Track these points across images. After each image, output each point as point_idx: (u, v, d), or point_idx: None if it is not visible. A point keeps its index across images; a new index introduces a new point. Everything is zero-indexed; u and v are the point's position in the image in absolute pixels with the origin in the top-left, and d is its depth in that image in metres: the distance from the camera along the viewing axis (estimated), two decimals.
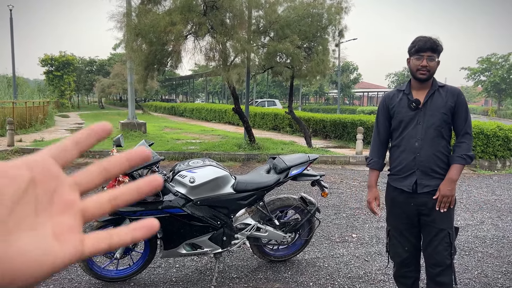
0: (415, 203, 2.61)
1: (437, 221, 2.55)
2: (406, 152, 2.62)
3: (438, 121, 2.54)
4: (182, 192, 3.30)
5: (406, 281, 2.81)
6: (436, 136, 2.55)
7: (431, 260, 2.60)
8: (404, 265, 2.78)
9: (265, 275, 3.69)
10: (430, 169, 2.55)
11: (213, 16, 8.97)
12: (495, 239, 4.81)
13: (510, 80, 44.63)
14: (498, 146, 10.22)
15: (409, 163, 2.61)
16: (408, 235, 2.72)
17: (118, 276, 3.49)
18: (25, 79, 46.86)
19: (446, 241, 2.54)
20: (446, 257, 2.55)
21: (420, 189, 2.58)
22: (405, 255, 2.74)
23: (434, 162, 2.55)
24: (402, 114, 2.63)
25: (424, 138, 2.55)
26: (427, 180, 2.56)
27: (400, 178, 2.67)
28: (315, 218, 3.96)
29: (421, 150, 2.56)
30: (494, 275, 3.79)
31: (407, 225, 2.70)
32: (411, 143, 2.59)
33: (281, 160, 3.76)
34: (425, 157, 2.55)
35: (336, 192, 7.02)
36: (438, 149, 2.55)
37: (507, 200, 6.77)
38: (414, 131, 2.58)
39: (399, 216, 2.72)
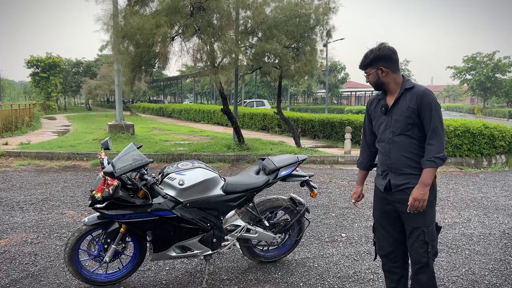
0: (392, 200, 2.76)
1: (411, 219, 2.65)
2: (381, 154, 2.81)
3: (402, 125, 2.64)
4: (171, 194, 3.28)
5: (392, 277, 2.89)
6: (403, 139, 2.65)
7: (411, 256, 2.73)
8: (389, 259, 2.88)
9: (255, 276, 3.70)
10: (401, 170, 2.68)
11: (200, 17, 8.94)
12: (482, 236, 4.88)
13: (495, 79, 45.30)
14: (484, 144, 10.37)
15: (382, 164, 2.80)
16: (391, 230, 2.83)
17: (107, 280, 3.46)
18: (10, 81, 46.20)
19: (421, 238, 2.62)
20: (422, 254, 2.62)
21: (393, 188, 2.71)
22: (390, 249, 2.84)
23: (404, 163, 2.66)
24: (377, 118, 2.83)
25: (391, 141, 2.70)
26: (399, 180, 2.69)
27: (380, 178, 2.85)
28: (304, 218, 3.97)
29: (390, 153, 2.71)
30: (481, 272, 3.85)
31: (389, 219, 2.83)
32: (382, 146, 2.77)
33: (270, 161, 3.77)
34: (394, 159, 2.70)
35: (325, 191, 7.06)
36: (407, 150, 2.65)
37: (493, 197, 6.88)
38: (384, 135, 2.75)
39: (381, 211, 2.87)
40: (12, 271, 3.74)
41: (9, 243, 4.41)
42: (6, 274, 3.66)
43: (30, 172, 8.48)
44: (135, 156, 3.24)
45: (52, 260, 4.00)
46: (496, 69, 44.58)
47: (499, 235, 4.92)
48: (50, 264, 3.90)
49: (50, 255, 4.11)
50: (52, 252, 4.20)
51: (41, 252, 4.19)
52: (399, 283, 2.88)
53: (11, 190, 6.85)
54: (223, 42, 9.10)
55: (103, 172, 3.07)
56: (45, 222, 5.16)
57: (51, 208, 5.84)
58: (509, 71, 44.84)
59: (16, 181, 7.60)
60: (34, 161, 9.81)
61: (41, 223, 5.12)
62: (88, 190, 6.95)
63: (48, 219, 5.29)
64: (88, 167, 9.29)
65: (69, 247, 3.25)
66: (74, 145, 11.84)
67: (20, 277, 3.62)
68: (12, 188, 7.04)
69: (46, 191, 6.86)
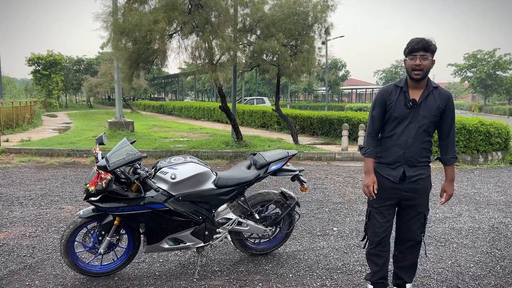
0: (401, 189, 2.91)
1: (418, 206, 2.92)
2: (397, 146, 2.87)
3: (428, 122, 2.79)
4: (164, 188, 3.38)
5: (378, 260, 3.06)
6: (424, 135, 2.83)
7: (404, 236, 3.01)
8: (380, 244, 3.04)
9: (246, 267, 3.80)
10: (416, 162, 2.86)
11: (198, 15, 9.03)
12: (471, 230, 4.97)
13: (496, 76, 45.27)
14: (480, 141, 10.44)
15: (398, 157, 2.88)
16: (388, 216, 3.01)
17: (102, 271, 3.57)
18: (12, 79, 46.36)
19: (420, 221, 2.96)
20: (418, 234, 2.98)
21: (408, 179, 2.86)
22: (383, 235, 3.01)
23: (420, 155, 2.86)
24: (398, 111, 2.84)
25: (415, 136, 2.82)
26: (413, 171, 2.86)
27: (389, 169, 2.92)
28: (295, 212, 4.07)
29: (411, 147, 2.83)
30: (466, 264, 3.95)
31: (389, 206, 2.99)
32: (403, 139, 2.84)
33: (261, 156, 3.87)
34: (413, 153, 2.85)
35: (320, 187, 7.15)
36: (423, 145, 2.85)
37: (485, 193, 6.97)
38: (408, 129, 2.82)
39: (383, 199, 2.98)
40: (10, 262, 3.84)
41: (8, 237, 4.52)
42: (4, 266, 3.77)
43: (30, 169, 8.59)
44: (128, 151, 3.34)
45: (50, 252, 4.10)
46: (497, 67, 44.55)
47: (487, 229, 5.01)
48: (47, 256, 4.01)
49: (47, 248, 4.21)
50: (50, 245, 4.30)
51: (39, 245, 4.30)
52: (383, 267, 3.06)
53: (11, 186, 6.96)
54: (221, 40, 9.19)
55: (96, 166, 3.17)
56: (44, 217, 5.27)
57: (50, 203, 5.95)
58: (510, 69, 44.81)
59: (16, 177, 7.72)
60: (34, 157, 9.92)
61: (40, 218, 5.23)
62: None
63: (46, 214, 5.40)
64: (88, 163, 9.40)
65: (64, 239, 3.36)
66: (74, 142, 11.96)
67: (18, 268, 3.72)
68: (12, 184, 7.15)
69: (45, 186, 6.97)
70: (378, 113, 2.94)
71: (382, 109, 2.92)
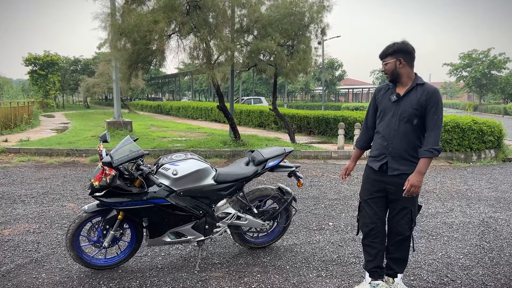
0: (383, 181, 3.06)
1: (402, 200, 3.00)
2: (382, 138, 3.07)
3: (409, 115, 2.94)
4: (166, 183, 3.53)
5: (371, 251, 3.21)
6: (408, 128, 2.96)
7: (393, 230, 3.10)
8: (370, 235, 3.19)
9: (245, 260, 3.95)
10: (400, 156, 2.98)
11: (196, 16, 9.17)
12: (462, 224, 5.14)
13: (491, 76, 45.61)
14: (473, 139, 10.63)
15: (383, 148, 3.06)
16: (376, 209, 3.14)
17: (106, 264, 3.70)
18: (8, 79, 46.29)
19: (408, 216, 3.03)
20: (406, 229, 3.05)
21: (390, 171, 3.02)
22: (372, 225, 3.16)
23: (405, 150, 2.97)
24: (383, 105, 3.09)
25: (397, 128, 2.98)
26: (396, 165, 3.00)
27: (374, 160, 3.13)
28: (292, 206, 4.23)
29: (394, 138, 2.99)
30: (456, 256, 4.11)
31: (376, 199, 3.14)
32: (387, 131, 3.04)
33: (259, 152, 4.02)
34: (396, 145, 2.99)
35: (316, 184, 7.31)
36: (409, 140, 2.96)
37: (477, 189, 7.14)
38: (391, 121, 3.02)
39: (370, 191, 3.17)
40: (17, 257, 3.98)
41: (13, 233, 4.65)
42: (11, 260, 3.90)
43: (30, 168, 8.70)
44: (131, 148, 3.49)
45: (54, 247, 4.24)
46: (492, 66, 44.90)
47: (477, 223, 5.18)
48: (52, 251, 4.14)
49: (52, 243, 4.35)
50: (54, 240, 4.44)
51: (43, 240, 4.43)
52: (376, 257, 3.19)
53: (12, 185, 7.08)
54: (219, 40, 9.33)
55: (101, 162, 3.31)
56: (46, 214, 5.40)
57: (51, 201, 6.07)
58: (504, 68, 45.16)
59: (16, 176, 7.83)
60: (33, 157, 10.03)
61: (43, 215, 5.36)
62: (87, 184, 7.18)
63: (49, 211, 5.53)
64: (87, 162, 9.52)
65: (70, 233, 3.49)
66: (73, 142, 12.07)
67: (24, 262, 3.86)
68: (13, 182, 7.26)
69: (46, 185, 7.09)
70: (370, 109, 3.24)
71: (373, 105, 3.21)
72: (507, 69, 45.79)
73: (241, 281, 3.51)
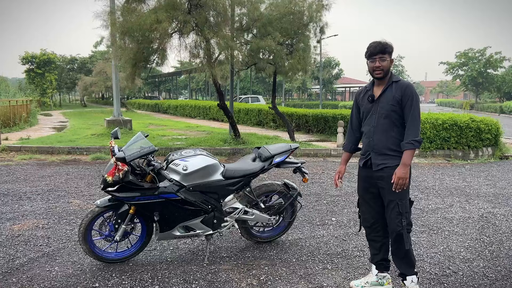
0: (372, 177, 3.17)
1: (388, 193, 3.07)
2: (365, 137, 3.24)
3: (386, 111, 3.07)
4: (176, 179, 3.62)
5: (375, 244, 3.32)
6: (387, 124, 3.06)
7: (389, 226, 3.14)
8: (372, 229, 3.30)
9: (252, 254, 4.05)
10: (381, 151, 3.09)
11: (197, 14, 9.25)
12: (462, 219, 5.27)
13: (487, 74, 45.87)
14: (471, 137, 10.77)
15: (367, 146, 3.22)
16: (373, 204, 3.25)
17: (117, 258, 3.80)
18: (4, 78, 46.14)
19: (396, 210, 3.02)
20: (397, 224, 3.01)
21: (374, 167, 3.14)
22: (372, 220, 3.27)
23: (385, 145, 3.08)
24: (364, 106, 3.25)
25: (376, 125, 3.11)
26: (379, 160, 3.10)
27: (362, 158, 3.28)
28: (297, 202, 4.33)
29: (374, 135, 3.13)
30: (457, 249, 4.23)
31: (371, 195, 3.25)
32: (367, 129, 3.19)
33: (266, 149, 4.12)
34: (377, 141, 3.11)
35: (317, 181, 7.42)
36: (389, 134, 3.06)
37: (476, 186, 7.28)
38: (370, 119, 3.16)
39: (364, 188, 3.30)
40: (28, 251, 4.06)
41: (22, 228, 4.73)
42: (23, 254, 3.98)
43: (32, 166, 8.76)
44: (142, 144, 3.58)
45: (64, 242, 4.32)
46: (488, 65, 45.14)
47: (477, 218, 5.31)
48: (63, 245, 4.23)
49: (62, 238, 4.43)
50: (63, 235, 4.52)
51: (53, 235, 4.51)
52: (381, 250, 3.29)
53: (16, 182, 7.14)
54: (219, 38, 9.41)
55: (115, 158, 3.40)
56: (54, 210, 5.48)
57: (57, 197, 6.15)
58: (500, 67, 45.43)
59: (20, 174, 7.89)
60: (35, 155, 10.08)
61: (50, 211, 5.43)
62: (90, 182, 7.27)
63: (56, 207, 5.61)
64: (89, 160, 9.59)
65: (83, 227, 3.58)
66: (73, 140, 12.12)
67: (36, 256, 3.94)
68: (17, 180, 7.33)
69: (50, 182, 7.16)
70: (354, 111, 3.40)
71: (356, 108, 3.36)
72: (503, 68, 46.08)
73: (250, 273, 3.61)
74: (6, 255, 3.96)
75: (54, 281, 3.43)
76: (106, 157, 9.83)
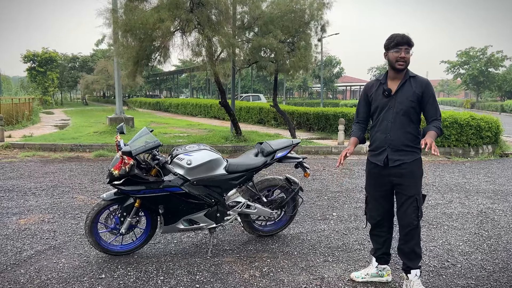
0: (388, 174, 3.15)
1: (407, 190, 3.09)
2: (380, 132, 3.17)
3: (406, 107, 3.07)
4: (180, 173, 3.70)
5: (379, 239, 3.37)
6: (404, 120, 3.06)
7: (402, 221, 3.16)
8: (377, 226, 3.34)
9: (254, 247, 4.13)
10: (398, 147, 3.08)
11: (199, 13, 9.32)
12: (461, 215, 5.34)
13: (488, 73, 45.89)
14: (471, 135, 10.84)
15: (381, 142, 3.16)
16: (382, 202, 3.26)
17: (123, 250, 3.88)
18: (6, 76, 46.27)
19: (414, 205, 3.07)
20: (414, 218, 3.09)
21: (391, 163, 3.11)
22: (379, 218, 3.30)
23: (402, 142, 3.07)
24: (378, 101, 3.18)
25: (394, 121, 3.08)
26: (396, 155, 3.09)
27: (375, 154, 3.23)
28: (298, 196, 4.41)
29: (391, 130, 3.09)
30: (456, 243, 4.31)
31: (381, 192, 3.25)
32: (384, 124, 3.13)
33: (268, 144, 4.20)
34: (394, 136, 3.09)
35: (318, 178, 7.50)
36: (406, 130, 3.07)
37: (475, 182, 7.35)
38: (387, 114, 3.10)
39: (374, 185, 3.28)
40: (35, 244, 4.14)
41: (28, 222, 4.82)
42: (30, 247, 4.07)
43: (36, 163, 8.85)
44: (147, 139, 3.66)
45: (70, 235, 4.41)
46: (489, 64, 45.16)
47: (476, 214, 5.38)
48: (69, 239, 4.31)
49: (67, 232, 4.51)
50: (69, 229, 4.60)
51: (59, 229, 4.60)
52: (384, 244, 3.36)
53: (20, 178, 7.23)
54: (221, 36, 9.49)
55: (121, 152, 3.48)
56: (58, 205, 5.56)
57: (61, 193, 6.23)
58: (501, 66, 45.46)
59: (24, 170, 7.98)
60: (38, 152, 10.17)
61: (55, 206, 5.52)
62: (94, 178, 7.35)
63: (60, 203, 5.69)
64: (91, 158, 9.67)
65: (89, 220, 3.66)
66: (75, 138, 12.21)
67: (43, 249, 4.02)
68: (21, 176, 7.41)
69: (54, 179, 7.24)
70: (361, 104, 3.35)
71: (365, 101, 3.31)
72: (504, 67, 46.14)
73: (252, 265, 3.69)
74: (14, 247, 4.04)
75: (61, 272, 3.51)
76: (109, 154, 9.92)
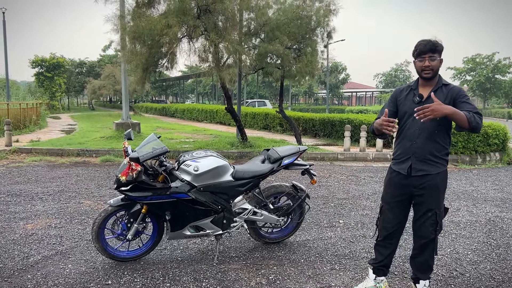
0: (409, 184, 3.03)
1: (427, 202, 3.00)
2: (405, 139, 3.05)
3: None
4: (187, 179, 3.70)
5: (385, 251, 3.29)
6: (433, 128, 2.90)
7: (418, 233, 3.08)
8: (387, 237, 3.24)
9: (261, 254, 4.12)
10: (424, 156, 2.95)
11: (206, 19, 9.37)
12: (469, 223, 5.29)
13: (495, 80, 45.71)
14: (478, 142, 10.77)
15: (406, 149, 3.03)
16: (398, 212, 3.16)
17: (129, 256, 3.88)
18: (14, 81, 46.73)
19: (432, 219, 2.99)
20: (431, 232, 3.01)
21: (414, 172, 2.99)
22: (392, 229, 3.20)
23: (429, 151, 2.94)
24: (407, 106, 3.03)
25: (422, 128, 2.93)
26: (420, 165, 2.96)
27: (398, 162, 3.11)
28: (305, 203, 4.39)
29: (418, 138, 2.96)
30: (464, 252, 4.26)
31: (399, 203, 3.14)
32: (411, 131, 3.00)
33: (275, 151, 4.19)
34: (420, 144, 2.95)
35: (325, 185, 7.47)
36: (434, 139, 2.92)
37: (483, 190, 7.29)
38: (415, 121, 2.92)
39: (393, 195, 3.16)
40: (42, 249, 4.15)
41: (35, 227, 4.83)
42: (37, 252, 4.08)
43: (43, 167, 8.90)
44: (155, 145, 3.67)
45: (77, 241, 4.41)
46: (496, 70, 45.01)
47: (484, 222, 5.33)
48: (75, 244, 4.32)
49: (74, 237, 4.52)
50: (76, 234, 4.61)
51: (66, 234, 4.61)
52: (388, 257, 3.29)
53: (28, 183, 7.27)
54: (228, 43, 9.52)
55: (129, 158, 3.49)
56: (65, 210, 5.58)
57: (68, 198, 6.26)
58: (508, 72, 45.27)
59: (31, 175, 8.02)
60: (45, 157, 10.23)
61: (62, 211, 5.54)
62: (100, 183, 7.37)
63: (67, 208, 5.71)
64: (98, 163, 9.71)
65: (96, 225, 3.67)
66: (82, 143, 12.27)
67: (50, 254, 4.03)
68: (29, 181, 7.45)
69: (61, 184, 7.28)
70: (388, 106, 3.17)
71: (393, 104, 3.15)
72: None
73: (259, 272, 3.68)
74: (21, 253, 4.06)
75: (68, 278, 3.52)
76: (115, 159, 9.95)
